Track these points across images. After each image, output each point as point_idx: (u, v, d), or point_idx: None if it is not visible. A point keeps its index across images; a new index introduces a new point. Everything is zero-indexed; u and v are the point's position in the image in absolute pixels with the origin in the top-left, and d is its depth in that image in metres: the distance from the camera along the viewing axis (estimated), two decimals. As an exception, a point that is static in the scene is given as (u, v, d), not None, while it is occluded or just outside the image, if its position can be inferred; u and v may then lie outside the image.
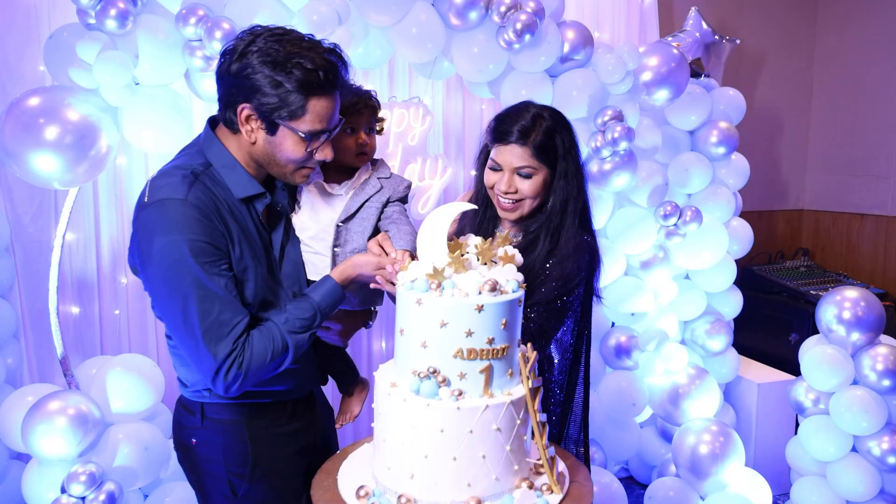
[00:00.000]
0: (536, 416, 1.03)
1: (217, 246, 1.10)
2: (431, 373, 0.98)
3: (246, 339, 1.10)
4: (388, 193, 1.33)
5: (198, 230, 1.08)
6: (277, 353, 1.13)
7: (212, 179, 1.14)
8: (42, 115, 1.61)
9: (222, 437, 1.23)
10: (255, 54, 1.07)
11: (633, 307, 2.26)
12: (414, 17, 1.85)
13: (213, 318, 1.07)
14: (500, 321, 0.99)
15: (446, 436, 0.97)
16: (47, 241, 2.11)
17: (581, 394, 1.48)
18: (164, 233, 1.07)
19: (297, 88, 1.07)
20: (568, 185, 1.35)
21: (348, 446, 1.24)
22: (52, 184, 1.70)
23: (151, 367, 1.87)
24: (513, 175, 1.34)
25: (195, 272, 1.07)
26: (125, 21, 1.59)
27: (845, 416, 1.91)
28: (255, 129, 1.12)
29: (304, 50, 1.08)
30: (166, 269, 1.08)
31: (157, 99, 1.74)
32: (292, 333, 1.15)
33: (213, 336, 1.07)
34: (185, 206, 1.07)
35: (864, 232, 3.26)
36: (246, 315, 1.11)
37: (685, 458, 2.08)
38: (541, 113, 1.35)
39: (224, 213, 1.13)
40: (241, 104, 1.10)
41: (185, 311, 1.08)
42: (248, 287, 1.15)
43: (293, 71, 1.06)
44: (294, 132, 1.11)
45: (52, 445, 1.60)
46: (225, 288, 1.09)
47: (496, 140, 1.36)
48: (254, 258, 1.17)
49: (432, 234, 1.06)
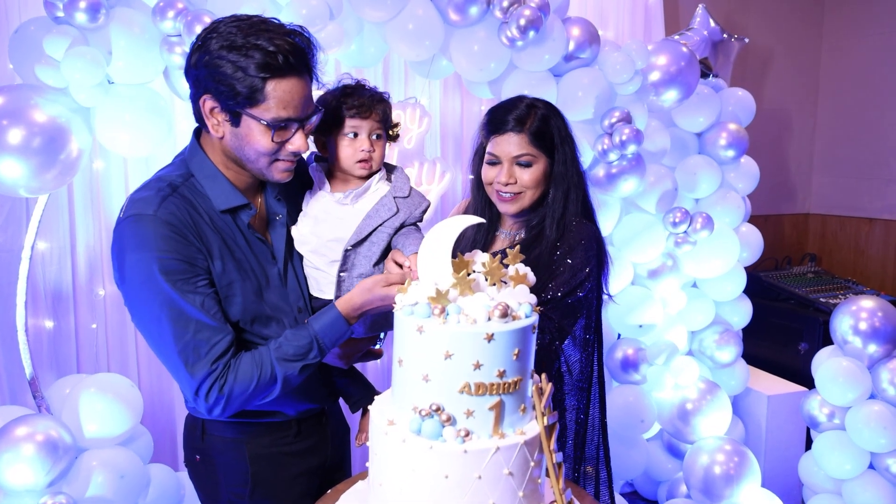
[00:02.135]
0: (552, 456, 0.92)
1: (191, 263, 1.05)
2: (434, 410, 0.87)
3: (228, 360, 1.05)
4: (403, 218, 1.18)
5: (168, 247, 1.03)
6: (265, 381, 1.06)
7: (192, 191, 1.09)
8: (6, 117, 1.48)
9: (222, 456, 1.20)
10: (213, 40, 1.01)
11: (641, 318, 2.17)
12: (411, 12, 1.75)
13: (187, 339, 1.03)
14: (513, 351, 0.88)
15: (451, 482, 0.86)
16: (18, 250, 1.97)
17: (597, 410, 1.39)
18: (133, 249, 1.03)
19: (255, 72, 1.00)
20: (568, 173, 1.35)
21: (340, 484, 1.12)
22: (17, 191, 1.58)
23: (129, 387, 1.75)
24: (512, 165, 1.33)
25: (166, 291, 1.02)
26: (97, 14, 1.48)
27: (862, 432, 1.85)
28: (220, 121, 1.06)
29: (263, 32, 1.02)
30: (138, 287, 1.04)
31: (133, 99, 1.62)
32: (282, 361, 1.08)
33: (189, 357, 1.03)
34: (155, 221, 1.03)
35: (872, 236, 3.20)
36: (228, 334, 1.06)
37: (697, 479, 2.00)
38: (534, 102, 1.36)
39: (203, 227, 1.08)
40: (202, 96, 1.04)
41: (159, 331, 1.04)
42: (234, 303, 1.10)
43: (251, 53, 1.00)
44: (257, 121, 1.03)
45: (18, 475, 1.50)
46: (201, 307, 1.04)
47: (492, 132, 1.34)
48: (240, 272, 1.10)
49: (435, 252, 0.94)
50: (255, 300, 1.11)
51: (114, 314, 2.12)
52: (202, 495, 1.26)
